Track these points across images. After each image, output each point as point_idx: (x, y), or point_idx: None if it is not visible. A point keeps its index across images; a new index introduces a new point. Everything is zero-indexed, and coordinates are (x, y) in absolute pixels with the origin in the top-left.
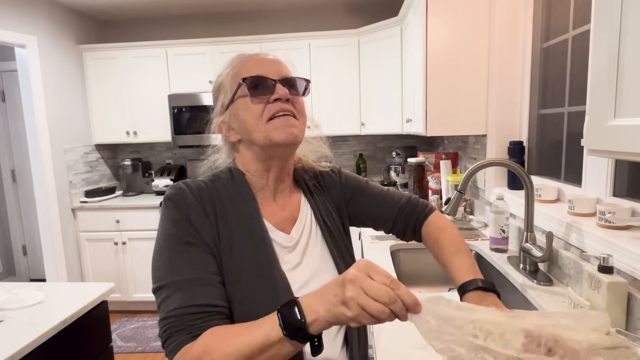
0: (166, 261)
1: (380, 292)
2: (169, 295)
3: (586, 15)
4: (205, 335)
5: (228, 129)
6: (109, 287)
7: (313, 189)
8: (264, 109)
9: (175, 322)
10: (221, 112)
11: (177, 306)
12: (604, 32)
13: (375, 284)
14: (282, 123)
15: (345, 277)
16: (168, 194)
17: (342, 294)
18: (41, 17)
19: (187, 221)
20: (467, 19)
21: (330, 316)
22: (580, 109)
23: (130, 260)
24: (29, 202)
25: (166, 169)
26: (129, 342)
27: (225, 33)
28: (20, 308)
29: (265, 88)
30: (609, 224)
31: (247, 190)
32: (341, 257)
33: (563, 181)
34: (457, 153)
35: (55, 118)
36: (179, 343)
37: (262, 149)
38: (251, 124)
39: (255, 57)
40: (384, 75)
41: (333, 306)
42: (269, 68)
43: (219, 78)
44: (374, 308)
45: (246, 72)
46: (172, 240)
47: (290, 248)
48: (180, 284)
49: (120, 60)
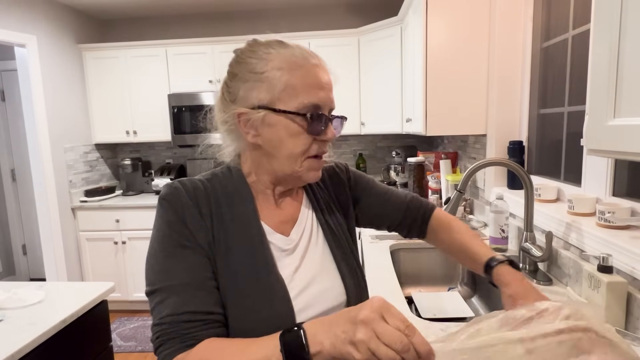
0: (160, 264)
1: (394, 338)
2: (162, 300)
3: (586, 15)
4: (201, 347)
5: (249, 126)
6: (109, 286)
7: (316, 189)
8: (310, 144)
9: (169, 329)
10: (252, 107)
11: (170, 312)
12: (604, 32)
13: (390, 328)
14: (317, 166)
15: (358, 316)
16: (163, 193)
17: (352, 334)
18: (41, 17)
19: (181, 223)
20: (467, 19)
21: (336, 352)
22: (580, 108)
23: (130, 260)
24: (29, 202)
25: (166, 169)
26: (129, 341)
27: (225, 32)
28: (20, 307)
29: (320, 124)
30: (609, 223)
31: (247, 190)
32: (344, 259)
33: (563, 181)
34: (457, 153)
35: (55, 117)
36: (172, 352)
37: (284, 175)
38: (291, 152)
39: (313, 74)
40: (384, 74)
41: (340, 343)
42: (325, 96)
43: (262, 64)
44: (384, 354)
45: (305, 94)
46: (165, 243)
47: (289, 251)
48: (173, 288)
49: (120, 60)
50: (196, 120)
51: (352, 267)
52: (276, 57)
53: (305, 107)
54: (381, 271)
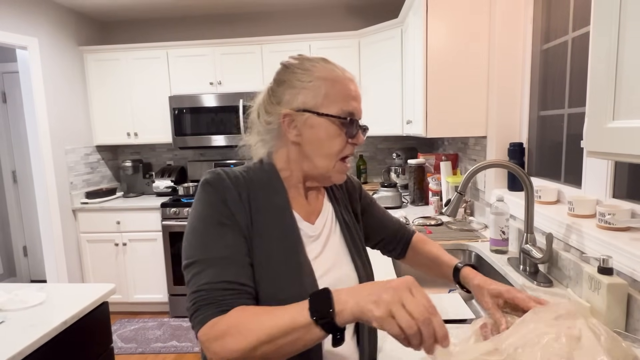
0: (199, 239)
1: (418, 308)
2: (200, 271)
3: (586, 17)
4: (234, 311)
5: (293, 127)
6: (110, 288)
7: (336, 191)
8: (343, 147)
9: (205, 295)
10: (298, 109)
11: (208, 281)
12: (603, 35)
13: (415, 299)
14: (344, 169)
15: (388, 283)
16: (206, 178)
17: (378, 294)
18: (42, 19)
19: (223, 203)
20: (467, 21)
21: (358, 309)
22: (580, 110)
23: (130, 262)
24: (30, 203)
25: (167, 171)
26: (130, 343)
27: (226, 35)
28: (21, 309)
29: (354, 129)
30: (609, 225)
31: (280, 183)
32: (357, 252)
33: (563, 183)
34: (457, 154)
35: (56, 119)
36: (207, 315)
37: (317, 174)
38: (327, 152)
39: (350, 86)
40: (385, 76)
41: (363, 301)
42: (357, 106)
43: (308, 74)
44: (404, 319)
45: (342, 101)
46: (207, 221)
47: (314, 237)
48: (211, 261)
49: (121, 62)
50: (197, 122)
51: (363, 262)
52: (320, 70)
53: (343, 113)
54: (382, 273)
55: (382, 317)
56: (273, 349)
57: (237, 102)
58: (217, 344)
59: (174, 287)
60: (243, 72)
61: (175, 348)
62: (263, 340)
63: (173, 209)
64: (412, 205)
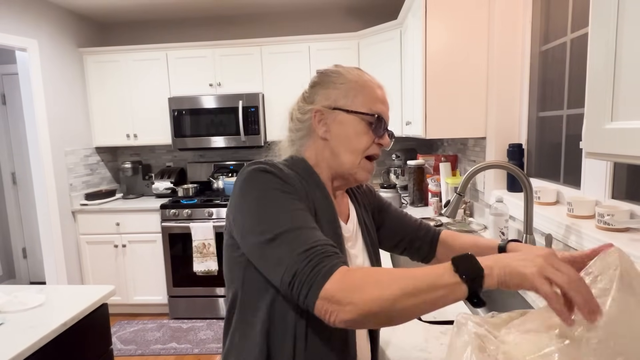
0: (285, 210)
1: (570, 271)
2: (303, 234)
3: (585, 18)
4: (359, 268)
5: (322, 123)
6: (109, 289)
7: (356, 193)
8: (370, 145)
9: (323, 249)
10: (329, 106)
11: (317, 239)
12: (601, 36)
13: (564, 264)
14: (370, 168)
15: (535, 252)
16: (258, 166)
17: (530, 259)
18: (42, 21)
19: (290, 185)
20: (466, 22)
21: (504, 273)
22: (579, 111)
23: (130, 263)
24: (29, 205)
25: (166, 172)
26: (129, 344)
27: (226, 36)
28: (21, 311)
29: (380, 129)
30: (608, 226)
31: (318, 178)
32: (375, 256)
33: (562, 183)
34: (457, 155)
35: (56, 121)
36: (335, 264)
37: (342, 171)
38: (354, 148)
39: (380, 91)
40: (384, 78)
41: (513, 264)
42: (386, 110)
43: (340, 76)
44: (559, 277)
45: (374, 103)
46: (283, 196)
47: (347, 239)
48: (307, 227)
49: (120, 63)
50: (197, 124)
51: (379, 264)
52: (352, 73)
53: (372, 111)
54: None
55: (535, 274)
56: (414, 304)
57: (236, 103)
58: (355, 293)
59: (174, 289)
60: (242, 73)
61: (174, 350)
62: (407, 292)
63: (172, 211)
64: (411, 207)
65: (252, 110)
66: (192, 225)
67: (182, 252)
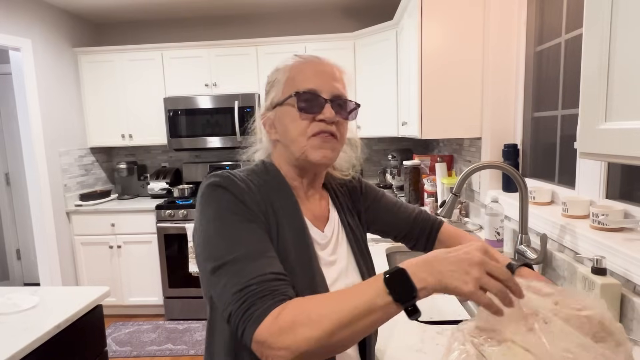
0: (228, 238)
1: (500, 270)
2: (241, 268)
3: (579, 19)
4: (295, 300)
5: (271, 126)
6: (104, 291)
7: (339, 193)
8: (309, 125)
9: (258, 288)
10: (268, 108)
11: (256, 274)
12: (594, 38)
13: (497, 265)
14: (321, 143)
15: (473, 259)
16: (215, 180)
17: (463, 270)
18: (36, 20)
19: (242, 203)
20: (461, 23)
21: (440, 287)
22: (573, 112)
23: (125, 264)
24: (23, 206)
25: (162, 172)
26: (124, 346)
27: (222, 36)
28: (14, 313)
29: (315, 105)
30: (602, 226)
31: (287, 186)
32: (362, 258)
33: (557, 183)
34: (453, 156)
35: (50, 121)
36: (267, 308)
37: (297, 160)
38: (293, 136)
39: (314, 66)
40: (380, 78)
41: (447, 278)
42: (323, 82)
43: (276, 73)
44: (494, 287)
45: (301, 82)
46: (232, 219)
47: (324, 245)
48: (250, 255)
49: (115, 63)
50: (192, 124)
51: (368, 267)
52: (287, 66)
53: (299, 92)
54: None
55: (473, 291)
56: (350, 333)
57: (232, 103)
58: (287, 336)
59: (169, 290)
60: (238, 73)
61: (170, 351)
62: (341, 324)
63: (168, 211)
64: None
65: (248, 110)
66: (187, 225)
67: (178, 252)
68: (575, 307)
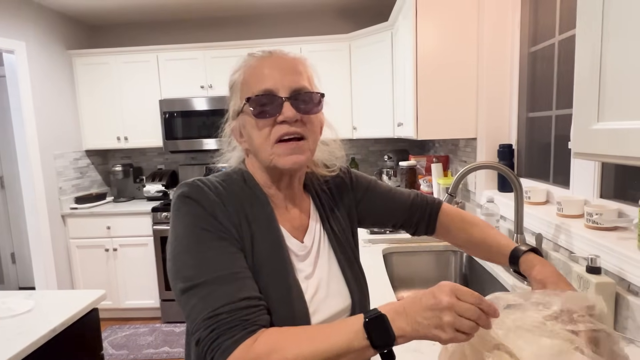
0: (198, 258)
1: (471, 310)
2: (211, 292)
3: (572, 20)
4: (269, 333)
5: (240, 135)
6: (100, 294)
7: (321, 194)
8: (270, 130)
9: (228, 318)
10: (233, 117)
11: (226, 301)
12: (587, 39)
13: (467, 306)
14: (287, 150)
15: (441, 303)
16: (185, 191)
17: (438, 319)
18: (30, 23)
19: (212, 217)
20: (456, 24)
21: (419, 336)
22: (567, 112)
23: (121, 267)
24: (18, 209)
25: (157, 175)
26: (121, 349)
27: (217, 38)
28: (9, 317)
29: (272, 106)
30: (597, 225)
31: (262, 193)
32: (348, 263)
33: (552, 183)
34: (448, 156)
35: (45, 124)
36: (237, 340)
37: (268, 168)
38: (258, 143)
39: (267, 62)
40: (375, 79)
41: (424, 328)
42: (280, 78)
43: (232, 77)
44: (467, 327)
45: (255, 84)
46: (200, 237)
47: (303, 257)
48: (222, 278)
49: (110, 66)
50: (188, 126)
51: (355, 273)
52: (241, 70)
53: (251, 97)
54: (374, 275)
55: (452, 337)
56: None
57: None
58: None
59: (166, 293)
60: None
61: (167, 354)
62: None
63: (164, 214)
64: None
65: None
66: None
67: None
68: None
